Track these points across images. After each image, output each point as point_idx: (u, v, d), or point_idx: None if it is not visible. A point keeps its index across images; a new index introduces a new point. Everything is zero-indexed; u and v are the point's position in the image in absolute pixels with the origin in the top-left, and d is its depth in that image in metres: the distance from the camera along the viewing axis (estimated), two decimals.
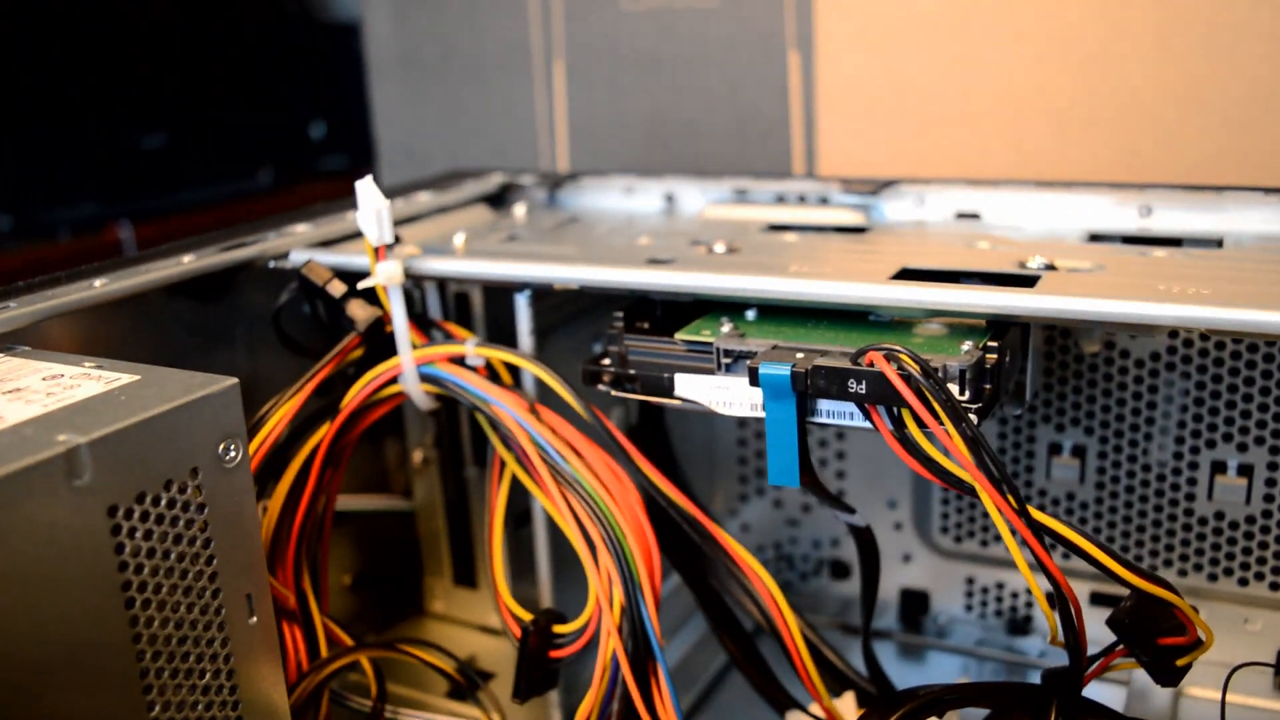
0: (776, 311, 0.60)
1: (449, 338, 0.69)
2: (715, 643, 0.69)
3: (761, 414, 0.54)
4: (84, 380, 0.51)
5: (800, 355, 0.52)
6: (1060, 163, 0.94)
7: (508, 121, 1.16)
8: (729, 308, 0.61)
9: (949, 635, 0.85)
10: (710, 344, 0.57)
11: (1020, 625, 0.83)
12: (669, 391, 0.58)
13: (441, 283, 0.76)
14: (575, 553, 0.60)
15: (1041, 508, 0.78)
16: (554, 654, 0.63)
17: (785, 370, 0.51)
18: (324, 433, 0.66)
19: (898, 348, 0.49)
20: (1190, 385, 0.72)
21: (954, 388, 0.51)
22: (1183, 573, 0.76)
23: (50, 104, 2.15)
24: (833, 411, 0.52)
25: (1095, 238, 0.70)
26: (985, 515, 0.82)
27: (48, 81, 2.16)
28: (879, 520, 0.86)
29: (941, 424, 0.48)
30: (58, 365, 0.54)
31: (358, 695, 0.70)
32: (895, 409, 0.50)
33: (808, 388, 0.51)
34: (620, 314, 0.61)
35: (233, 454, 0.51)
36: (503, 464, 0.67)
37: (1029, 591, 0.82)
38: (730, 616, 0.67)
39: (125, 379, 0.51)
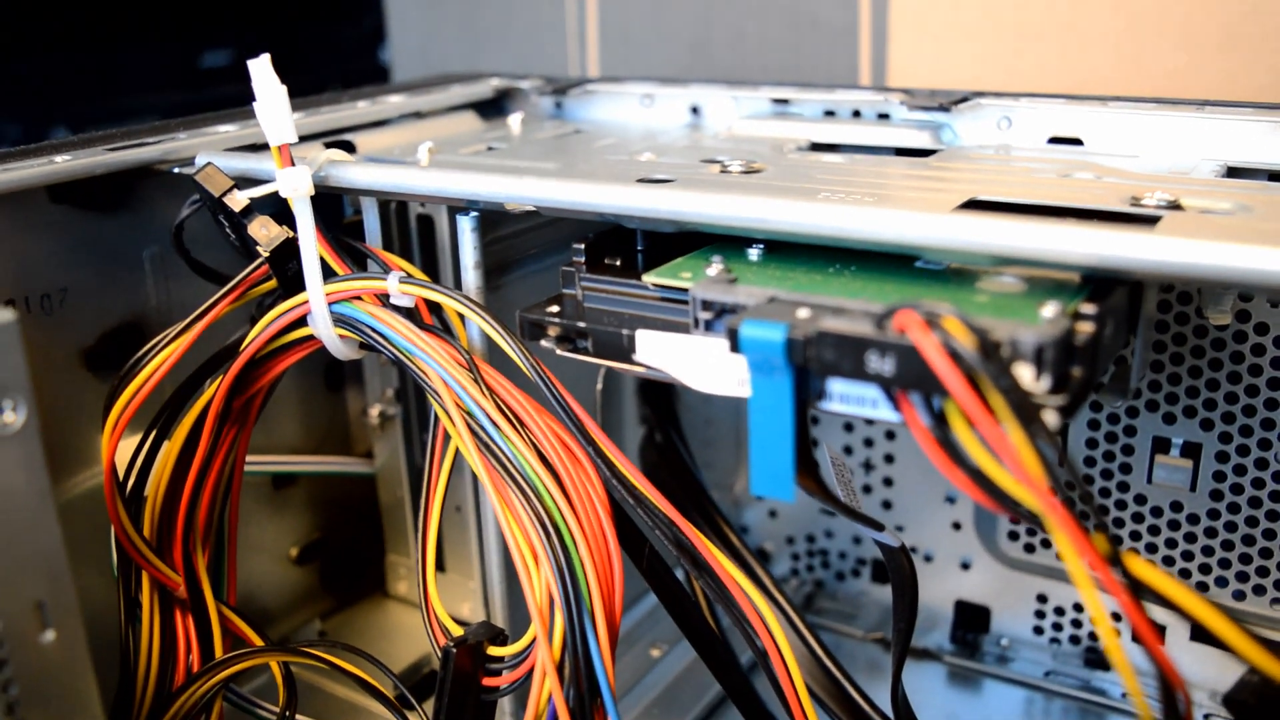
0: (790, 250, 0.45)
1: (386, 270, 0.54)
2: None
3: (749, 392, 0.38)
4: None
5: (804, 313, 0.36)
6: (1189, 88, 0.76)
7: (533, 28, 1.00)
8: (728, 244, 0.45)
9: (1012, 663, 0.69)
10: (686, 290, 0.41)
11: (1101, 658, 0.67)
12: (627, 354, 0.43)
13: (401, 203, 0.62)
14: None
15: (1139, 519, 0.62)
16: (487, 681, 0.49)
17: (778, 333, 0.35)
18: (217, 384, 0.52)
19: (943, 308, 0.33)
20: None
21: (1027, 370, 0.34)
22: None
23: (110, 19, 2.06)
24: (849, 396, 0.37)
25: (1234, 172, 0.53)
26: None
27: None
28: (933, 518, 0.70)
29: (1002, 426, 0.32)
30: None
31: (273, 700, 0.57)
32: (935, 398, 0.34)
33: (808, 360, 0.35)
34: (581, 246, 0.46)
35: (9, 416, 0.37)
36: (448, 434, 0.53)
37: (1115, 617, 0.65)
38: (720, 646, 0.52)
39: None
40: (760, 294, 0.39)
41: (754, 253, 0.44)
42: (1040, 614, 0.68)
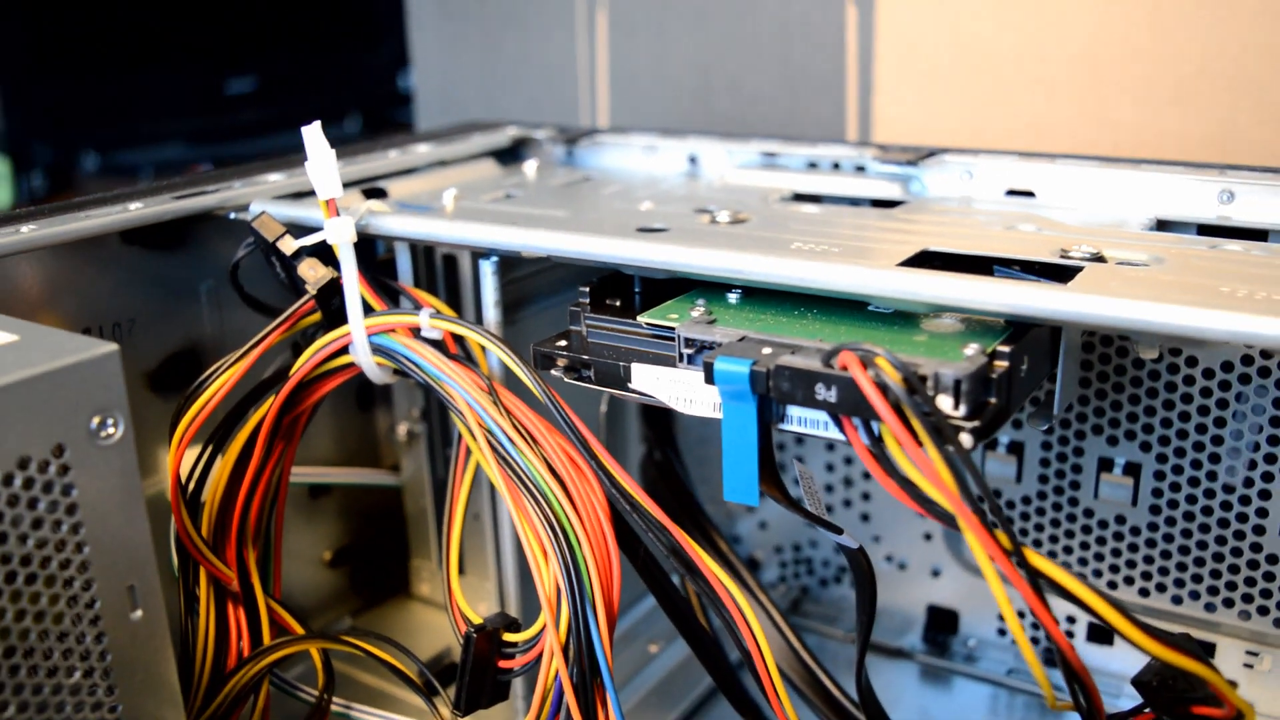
0: (763, 296, 0.52)
1: (418, 307, 0.62)
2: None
3: (720, 415, 0.46)
4: None
5: (767, 350, 0.44)
6: (1144, 139, 0.84)
7: (547, 72, 1.08)
8: (710, 288, 0.53)
9: (978, 661, 0.76)
10: (673, 329, 0.49)
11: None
12: (624, 382, 0.50)
13: (428, 246, 0.69)
14: None
15: (1087, 530, 0.69)
16: (503, 664, 0.57)
17: (744, 368, 0.43)
18: (270, 403, 0.60)
19: (876, 349, 0.41)
20: (1269, 401, 0.62)
21: (947, 400, 0.42)
22: (1245, 615, 0.66)
23: (138, 46, 2.14)
24: (804, 419, 0.44)
25: (1163, 225, 0.60)
26: (1028, 531, 0.73)
27: (137, 24, 2.14)
28: (907, 530, 0.77)
29: (921, 445, 0.40)
30: None
31: (314, 686, 0.65)
32: (872, 422, 0.42)
33: (769, 390, 0.43)
34: (586, 289, 0.54)
35: (110, 430, 0.45)
36: (469, 449, 0.60)
37: (1069, 619, 0.72)
38: (709, 642, 0.59)
39: (1, 339, 0.45)
40: (733, 334, 0.46)
41: (733, 296, 0.52)
42: (1003, 617, 0.75)
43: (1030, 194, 0.65)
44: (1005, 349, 0.44)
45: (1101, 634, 0.71)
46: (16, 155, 1.98)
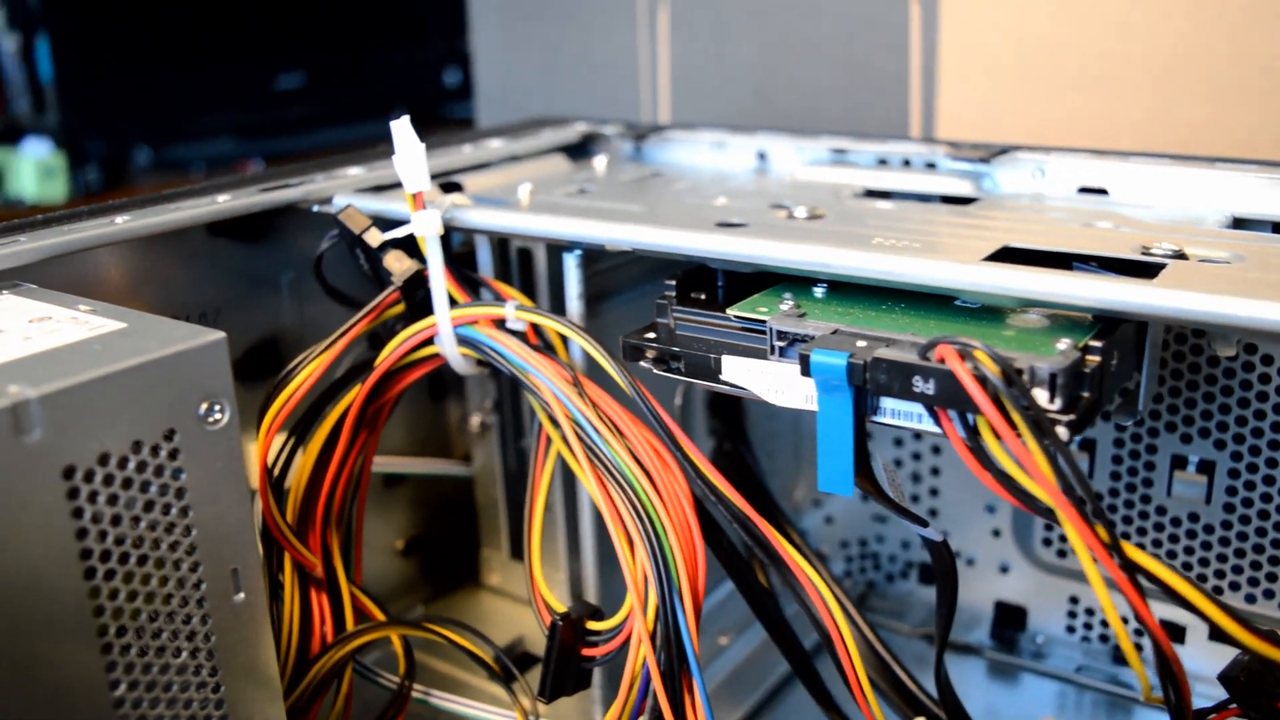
0: (849, 289, 0.53)
1: (498, 298, 0.63)
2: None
3: (813, 407, 0.47)
4: (69, 325, 0.47)
5: (862, 344, 0.45)
6: (1211, 137, 0.84)
7: (607, 70, 1.09)
8: (796, 282, 0.54)
9: (1046, 658, 0.76)
10: (764, 323, 0.49)
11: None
12: (715, 374, 0.51)
13: (503, 239, 0.70)
14: None
15: (1160, 528, 0.70)
16: (586, 652, 0.58)
17: (841, 360, 0.44)
18: (356, 393, 0.61)
19: (974, 342, 0.41)
20: None
21: (1043, 394, 0.43)
22: None
23: (190, 42, 2.17)
24: (898, 411, 0.45)
25: (1240, 223, 0.60)
26: None
27: (189, 21, 2.17)
28: (975, 525, 0.78)
29: (1021, 437, 0.40)
30: (50, 306, 0.50)
31: (394, 672, 0.66)
32: (968, 415, 0.42)
33: (866, 382, 0.43)
34: (672, 282, 0.54)
35: (217, 416, 0.46)
36: (550, 439, 0.61)
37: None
38: (783, 624, 0.60)
39: (110, 326, 0.47)
40: (825, 327, 0.47)
41: (819, 291, 0.53)
42: (1072, 614, 0.76)
43: (1103, 191, 0.66)
44: (1097, 344, 0.44)
45: (1172, 631, 0.71)
46: (72, 149, 2.01)
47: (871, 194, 0.69)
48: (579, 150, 0.84)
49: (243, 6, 2.25)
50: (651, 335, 0.54)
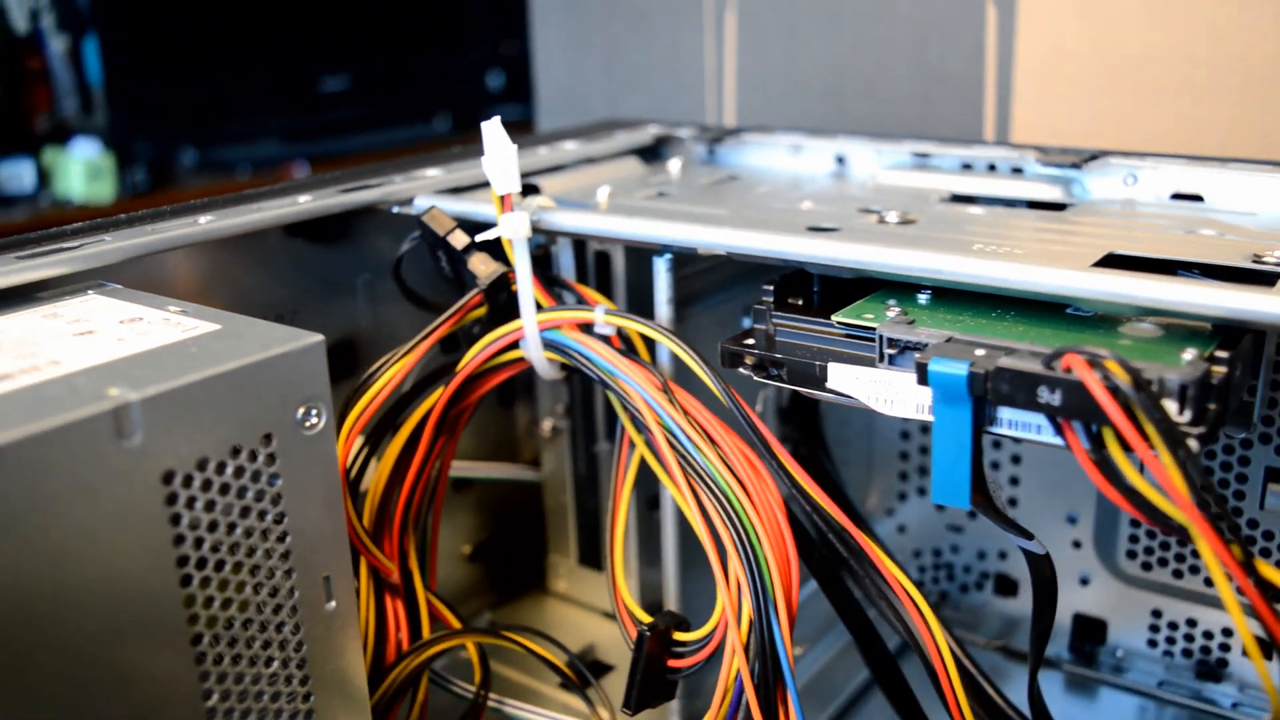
0: (953, 296, 0.51)
1: (581, 301, 0.62)
2: (859, 654, 0.61)
3: (928, 417, 0.45)
4: (162, 326, 0.46)
5: (981, 352, 0.43)
6: None
7: (673, 72, 1.08)
8: (897, 288, 0.52)
9: (1127, 672, 0.74)
10: (873, 330, 0.48)
11: (1212, 670, 0.72)
12: (820, 382, 0.50)
13: (580, 241, 0.69)
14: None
15: (1252, 541, 0.68)
16: (673, 663, 0.56)
17: (962, 369, 0.42)
18: (438, 396, 0.60)
19: (1103, 351, 0.40)
20: None
21: (1172, 405, 0.41)
22: None
23: (236, 45, 2.17)
24: (1016, 422, 0.44)
25: None
26: (1182, 543, 0.71)
27: (235, 23, 2.18)
28: (1055, 535, 0.76)
29: (1154, 450, 0.39)
30: (140, 307, 0.49)
31: (462, 679, 0.65)
32: (1094, 426, 0.41)
33: (987, 392, 0.42)
34: (770, 287, 0.53)
35: (314, 420, 0.45)
36: (632, 445, 0.60)
37: (1225, 632, 0.71)
38: (873, 634, 0.59)
39: (204, 328, 0.46)
40: (938, 335, 0.46)
41: (923, 297, 0.51)
42: (1154, 628, 0.74)
43: (1198, 198, 0.64)
44: (1224, 354, 0.43)
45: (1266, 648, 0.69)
46: (120, 150, 2.02)
47: (958, 199, 0.68)
48: (650, 153, 0.83)
49: (288, 9, 2.26)
50: (750, 341, 0.53)
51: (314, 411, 0.45)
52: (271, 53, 2.25)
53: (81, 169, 1.96)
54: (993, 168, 0.71)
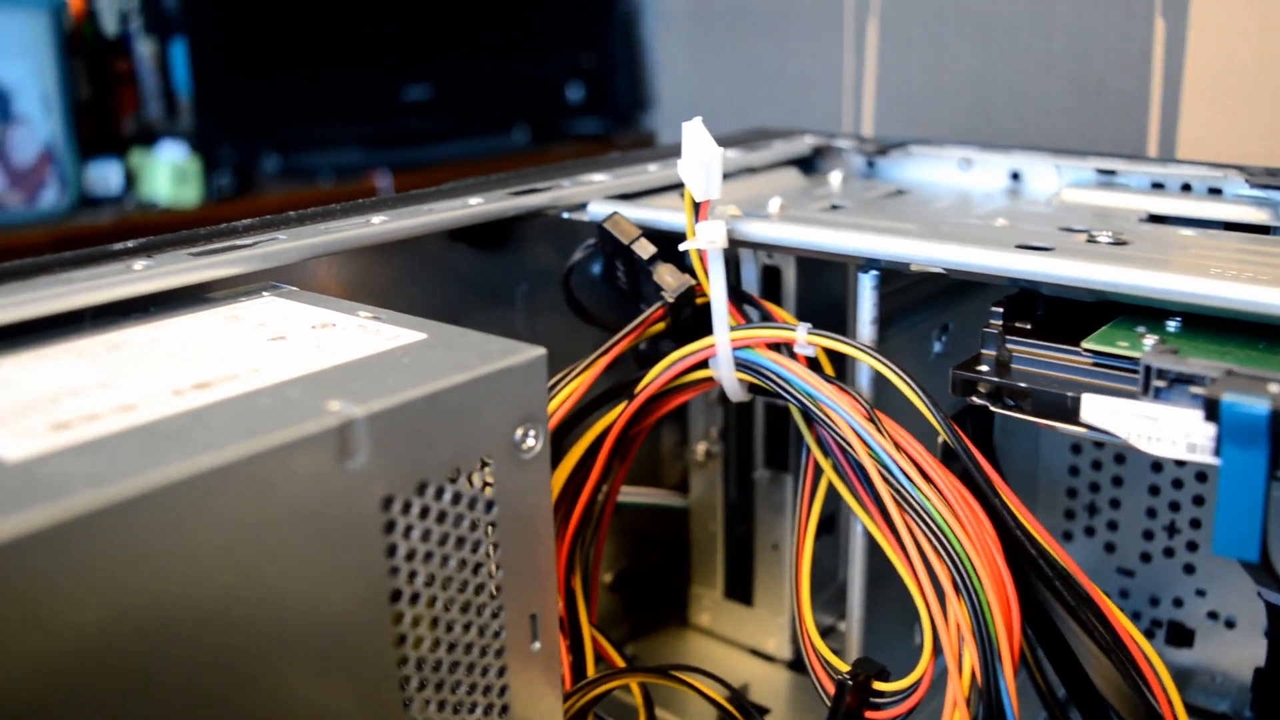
0: (1203, 324, 0.47)
1: (766, 318, 0.58)
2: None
3: (1202, 458, 0.41)
4: (358, 333, 0.43)
5: (1276, 388, 0.39)
6: None
7: (807, 83, 1.04)
8: (1141, 314, 0.48)
9: None
10: (1135, 360, 0.44)
11: None
12: (1072, 415, 0.45)
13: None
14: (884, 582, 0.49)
15: None
16: (871, 715, 0.52)
17: (1262, 407, 0.38)
18: (617, 416, 0.57)
19: None
20: None
21: None
22: None
23: (320, 53, 2.17)
24: None
25: None
26: None
27: (319, 31, 2.17)
28: (1238, 584, 0.71)
29: None
30: (329, 312, 0.46)
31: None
32: None
33: None
34: (999, 309, 0.49)
35: (531, 442, 0.41)
36: (817, 472, 0.56)
37: None
38: (1090, 687, 0.54)
39: (408, 337, 0.42)
40: (1215, 367, 0.41)
41: (1173, 325, 0.47)
42: None
43: None
44: None
45: None
46: (205, 155, 2.01)
47: (1155, 219, 0.63)
48: (806, 165, 0.79)
49: (372, 19, 2.25)
50: (984, 369, 0.49)
51: (532, 433, 0.41)
52: (355, 61, 2.25)
53: (168, 172, 1.95)
54: (1187, 187, 0.66)
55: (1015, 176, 0.72)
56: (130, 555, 0.31)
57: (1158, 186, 0.68)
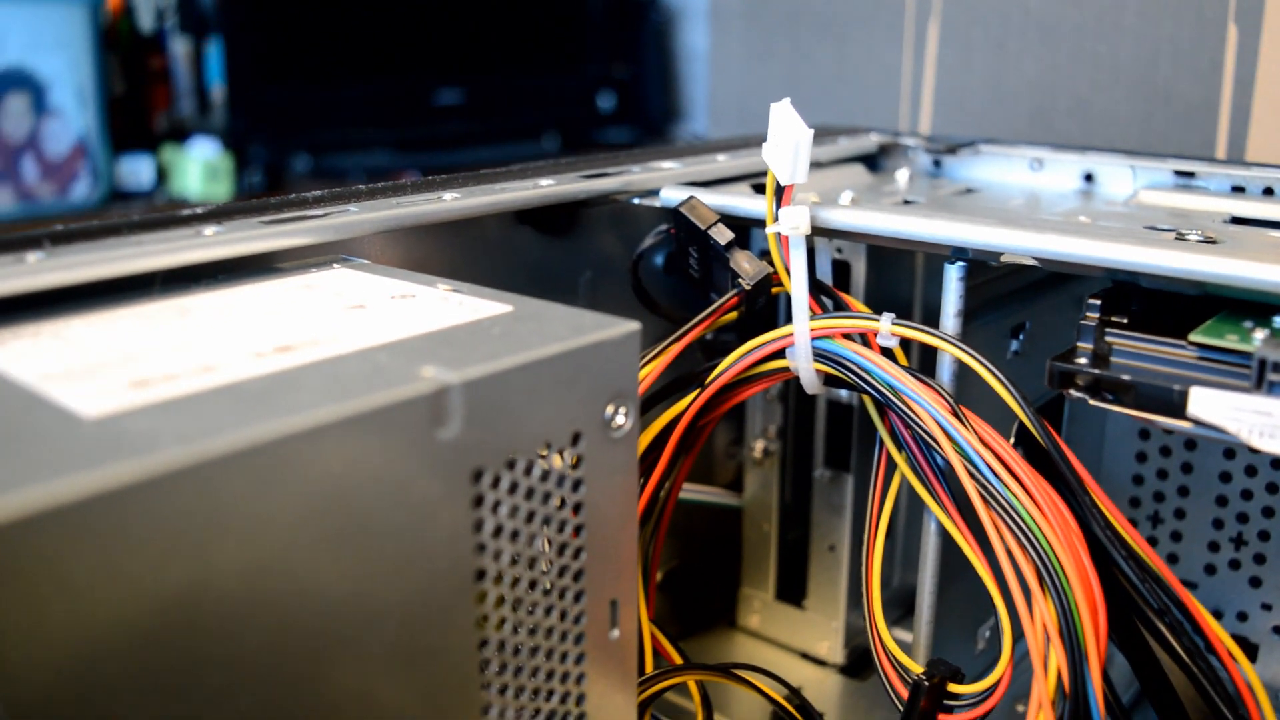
0: None
1: (841, 309, 0.56)
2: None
3: None
4: (441, 305, 0.41)
5: None
6: None
7: (863, 86, 1.03)
8: (1245, 309, 0.46)
9: None
10: (1248, 354, 0.42)
11: None
12: (1179, 409, 0.44)
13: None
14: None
15: None
16: (944, 719, 0.50)
17: None
18: (686, 406, 0.55)
19: None
20: None
21: None
22: None
23: (353, 56, 2.17)
24: None
25: None
26: None
27: (352, 35, 2.18)
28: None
29: None
30: (407, 284, 0.44)
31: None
32: None
33: None
34: (1097, 301, 0.47)
35: (621, 420, 0.40)
36: (890, 468, 0.54)
37: None
38: (1172, 693, 0.52)
39: (495, 309, 0.41)
40: None
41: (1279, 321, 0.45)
42: None
43: None
44: None
45: None
46: (237, 152, 2.01)
47: (1237, 221, 0.62)
48: (872, 162, 0.77)
49: (406, 23, 2.25)
50: (1084, 361, 0.47)
51: (622, 410, 0.39)
52: (387, 65, 2.25)
53: (199, 169, 1.95)
54: (1269, 191, 0.65)
55: (1088, 178, 0.70)
56: (217, 517, 0.30)
57: (1238, 190, 0.66)
